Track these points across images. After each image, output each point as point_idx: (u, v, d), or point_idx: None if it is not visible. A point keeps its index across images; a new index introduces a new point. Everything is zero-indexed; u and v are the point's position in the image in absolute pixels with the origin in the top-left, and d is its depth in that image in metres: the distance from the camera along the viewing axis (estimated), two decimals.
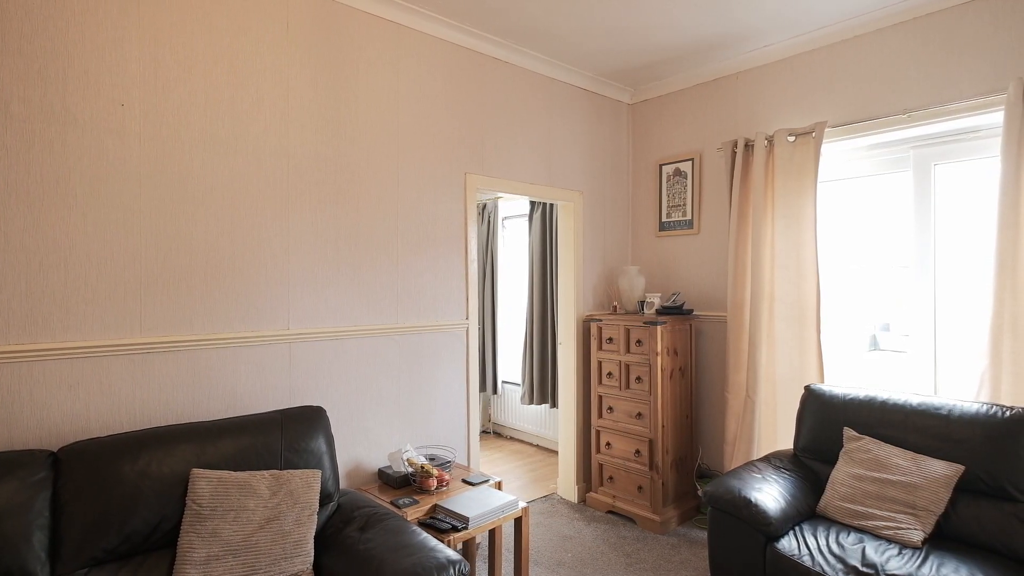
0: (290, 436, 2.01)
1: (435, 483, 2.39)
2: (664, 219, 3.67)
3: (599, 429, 3.40)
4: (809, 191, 2.89)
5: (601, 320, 3.38)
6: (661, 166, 3.68)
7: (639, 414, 3.19)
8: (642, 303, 3.48)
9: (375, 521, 1.93)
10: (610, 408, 3.35)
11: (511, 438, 4.92)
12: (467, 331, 2.94)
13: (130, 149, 1.94)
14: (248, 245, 2.22)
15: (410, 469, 2.44)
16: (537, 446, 4.70)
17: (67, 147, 1.83)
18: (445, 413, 2.87)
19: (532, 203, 4.45)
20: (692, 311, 3.36)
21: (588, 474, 3.55)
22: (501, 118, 3.11)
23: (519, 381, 4.75)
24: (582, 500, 3.51)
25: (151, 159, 1.99)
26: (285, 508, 1.81)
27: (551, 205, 4.24)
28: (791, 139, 2.97)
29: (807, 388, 2.63)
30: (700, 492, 3.04)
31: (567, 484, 3.57)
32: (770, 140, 3.05)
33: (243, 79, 2.20)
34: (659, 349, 3.11)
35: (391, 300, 2.66)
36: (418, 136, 2.76)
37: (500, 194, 4.32)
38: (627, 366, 3.26)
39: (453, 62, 2.89)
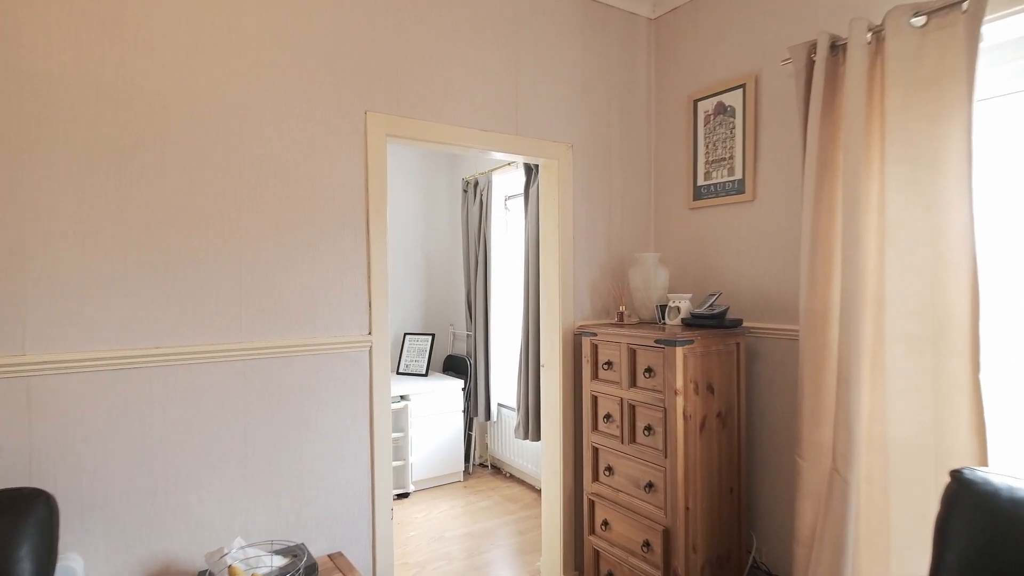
0: None
1: None
2: (701, 181, 2.45)
3: (593, 498, 2.26)
4: (957, 115, 1.61)
5: (595, 334, 2.24)
6: (696, 102, 2.46)
7: (649, 485, 2.02)
8: (663, 308, 2.30)
9: None
10: (608, 468, 2.20)
11: (510, 476, 3.87)
12: (370, 352, 1.92)
13: None
14: None
15: None
16: (540, 491, 3.61)
17: None
18: (332, 477, 1.87)
19: (528, 171, 3.36)
20: (740, 322, 2.14)
21: (580, 561, 2.42)
22: (432, 31, 2.06)
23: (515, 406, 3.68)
24: None
25: None
26: None
27: None
28: (918, 22, 1.69)
29: (955, 476, 1.37)
30: None
31: (552, 570, 2.46)
32: (877, 32, 1.77)
33: None
34: (679, 383, 1.92)
35: (232, 307, 1.70)
36: (280, 52, 1.78)
37: (502, 156, 3.26)
38: (631, 407, 2.10)
39: None
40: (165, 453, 1.62)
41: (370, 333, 1.92)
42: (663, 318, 2.29)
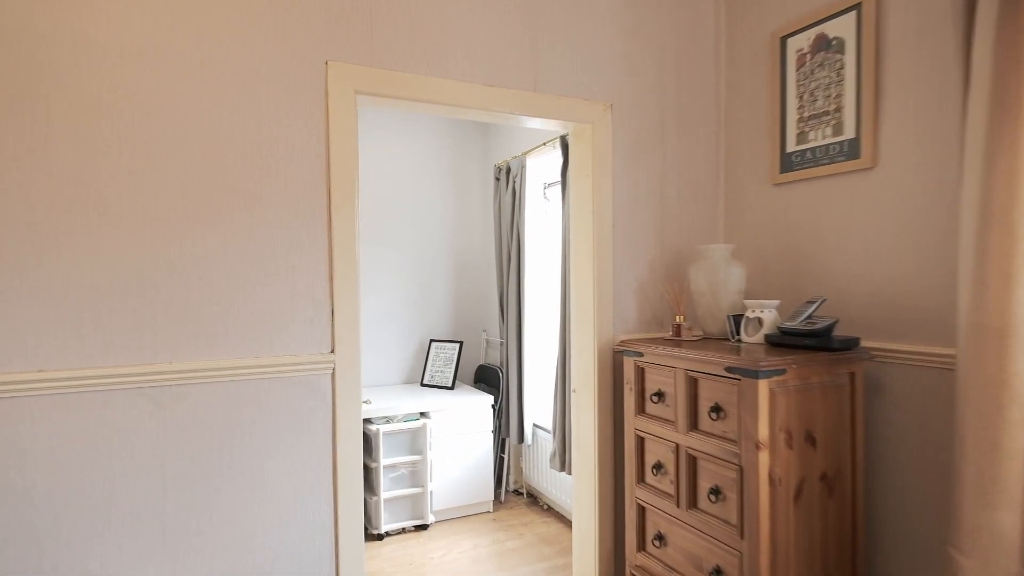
0: None
1: None
2: (792, 146, 1.80)
3: (638, 573, 1.69)
4: None
5: (641, 353, 1.66)
6: (785, 39, 1.81)
7: (718, 571, 1.42)
8: (737, 320, 1.68)
9: None
10: (659, 537, 1.62)
11: (547, 508, 3.32)
12: (333, 375, 1.46)
13: None
14: None
15: None
16: None
17: None
18: (281, 539, 1.43)
19: (567, 150, 2.80)
20: (856, 342, 1.48)
21: None
22: None
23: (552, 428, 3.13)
24: None
25: None
26: None
27: None
28: None
29: None
30: None
31: None
32: None
33: None
34: (763, 432, 1.32)
35: (144, 317, 1.29)
36: None
37: (520, 121, 2.74)
38: (691, 459, 1.51)
39: None
40: (53, 509, 1.23)
41: (333, 351, 1.45)
42: (737, 333, 1.67)
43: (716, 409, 1.43)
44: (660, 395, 1.61)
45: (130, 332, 1.28)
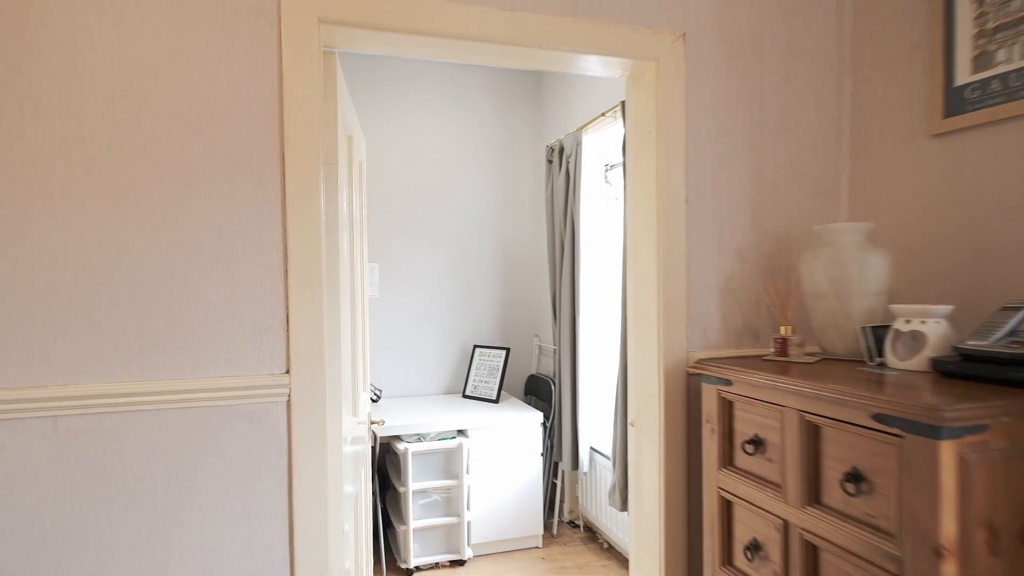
0: None
1: None
2: (964, 77, 1.20)
3: None
4: None
5: (729, 381, 1.15)
6: None
7: None
8: (879, 334, 1.13)
9: None
10: None
11: (607, 547, 2.82)
12: (289, 404, 1.08)
13: None
14: None
15: None
16: None
17: None
18: None
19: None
20: None
21: None
22: None
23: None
24: None
25: None
26: None
27: None
28: None
29: None
30: None
31: None
32: None
33: None
34: (948, 530, 0.77)
35: (33, 324, 0.98)
36: None
37: (578, 55, 2.23)
38: (809, 547, 0.98)
39: None
40: None
41: (288, 371, 1.07)
42: (879, 354, 1.11)
43: (855, 478, 0.90)
44: (758, 443, 1.09)
45: (21, 343, 0.97)
